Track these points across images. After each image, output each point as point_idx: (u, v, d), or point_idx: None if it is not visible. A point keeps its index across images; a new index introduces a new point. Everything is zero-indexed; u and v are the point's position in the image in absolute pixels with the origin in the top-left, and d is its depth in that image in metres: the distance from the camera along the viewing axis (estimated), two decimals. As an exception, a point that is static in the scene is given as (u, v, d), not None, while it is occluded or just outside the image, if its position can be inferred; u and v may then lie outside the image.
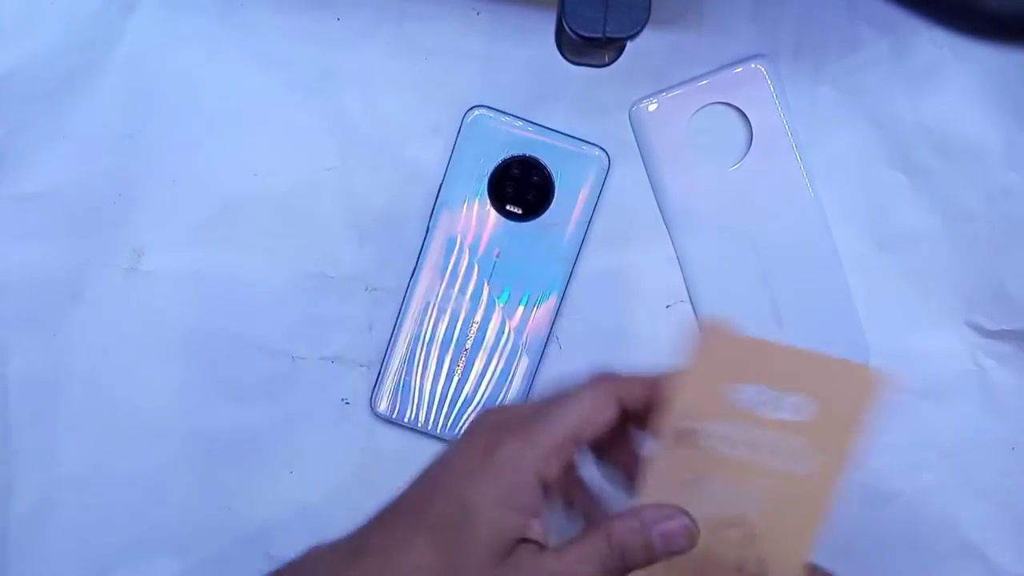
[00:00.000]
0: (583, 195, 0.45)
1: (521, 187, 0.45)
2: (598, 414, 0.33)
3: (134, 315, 0.46)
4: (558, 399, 0.34)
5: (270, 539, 0.46)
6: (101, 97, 0.45)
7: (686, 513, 0.33)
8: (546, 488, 0.33)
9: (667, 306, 0.47)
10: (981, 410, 0.47)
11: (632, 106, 0.46)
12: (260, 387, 0.46)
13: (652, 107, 0.46)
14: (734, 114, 0.46)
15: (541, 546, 0.32)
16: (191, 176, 0.46)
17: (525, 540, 0.32)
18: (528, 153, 0.45)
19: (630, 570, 0.32)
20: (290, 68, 0.46)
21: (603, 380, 0.34)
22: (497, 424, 0.34)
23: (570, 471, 0.35)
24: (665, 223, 0.46)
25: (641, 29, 0.37)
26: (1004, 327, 0.47)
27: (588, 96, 0.47)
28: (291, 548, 0.46)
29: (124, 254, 0.46)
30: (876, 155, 0.47)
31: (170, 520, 0.46)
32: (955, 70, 0.46)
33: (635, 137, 0.46)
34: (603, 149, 0.45)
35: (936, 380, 0.47)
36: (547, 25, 0.41)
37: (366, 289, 0.46)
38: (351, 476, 0.47)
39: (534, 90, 0.46)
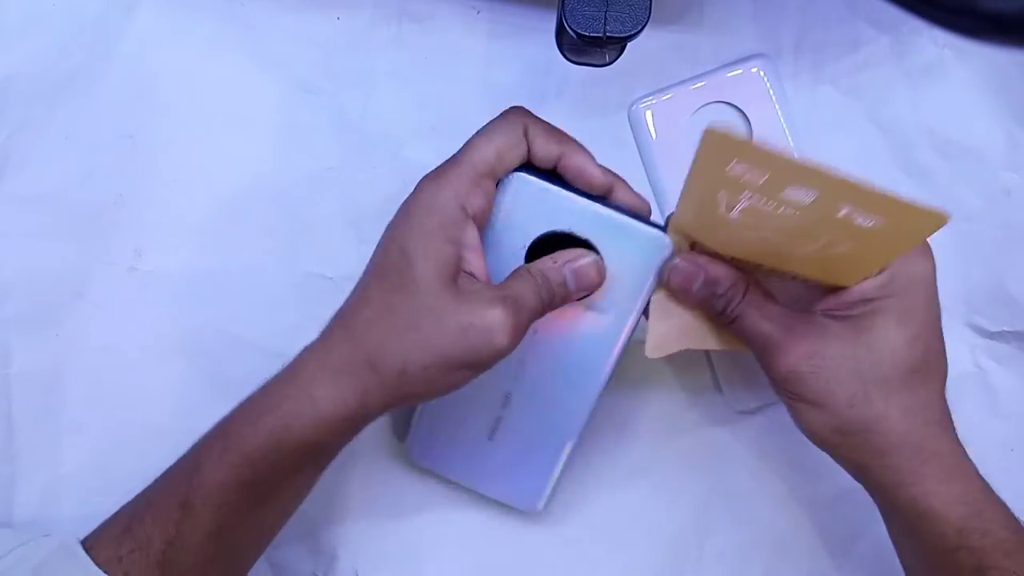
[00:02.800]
0: (637, 283, 0.38)
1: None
2: (509, 149, 0.36)
3: (135, 315, 0.46)
4: (471, 139, 0.36)
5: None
6: (102, 98, 0.45)
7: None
8: (473, 219, 0.36)
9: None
10: (981, 411, 0.47)
11: (632, 105, 0.46)
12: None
13: (652, 107, 0.46)
14: (734, 114, 0.46)
15: (474, 276, 0.36)
16: (191, 176, 0.46)
17: (466, 273, 0.35)
18: (573, 231, 0.38)
19: (556, 306, 0.37)
20: (290, 68, 0.46)
21: (514, 116, 0.37)
22: (429, 173, 0.36)
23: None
24: (665, 223, 0.46)
25: (641, 29, 0.37)
26: (1005, 328, 0.47)
27: (588, 96, 0.46)
28: (291, 548, 0.46)
29: (125, 254, 0.46)
30: (876, 155, 0.47)
31: (170, 520, 0.46)
32: (955, 70, 0.46)
33: (634, 137, 0.46)
34: (662, 229, 0.38)
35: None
36: (547, 25, 0.41)
37: (366, 289, 0.46)
38: (349, 484, 0.47)
39: (534, 90, 0.46)
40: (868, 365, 0.35)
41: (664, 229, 0.38)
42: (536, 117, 0.37)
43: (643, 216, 0.38)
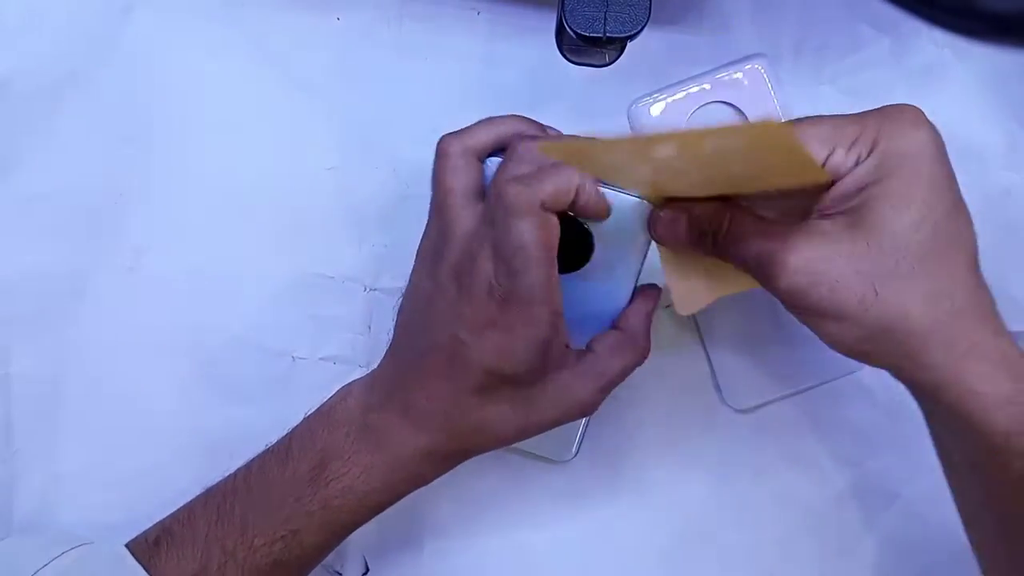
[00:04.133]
0: (630, 250, 0.39)
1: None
2: (547, 234, 0.35)
3: (135, 315, 0.46)
4: (507, 246, 0.34)
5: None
6: (102, 98, 0.45)
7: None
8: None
9: (666, 306, 0.47)
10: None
11: (631, 105, 0.46)
12: (260, 387, 0.46)
13: (652, 107, 0.46)
14: (734, 114, 0.46)
15: (565, 348, 0.37)
16: (191, 176, 0.46)
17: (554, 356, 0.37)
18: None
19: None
20: (290, 68, 0.46)
21: (525, 201, 0.35)
22: (485, 288, 0.35)
23: None
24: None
25: (641, 29, 0.37)
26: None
27: (588, 96, 0.46)
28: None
29: (125, 254, 0.46)
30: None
31: (170, 520, 0.46)
32: (955, 70, 0.46)
33: (635, 137, 0.46)
34: (642, 198, 0.39)
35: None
36: (547, 25, 0.41)
37: (366, 289, 0.46)
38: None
39: (534, 90, 0.46)
40: (872, 260, 0.32)
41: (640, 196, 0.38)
42: (532, 180, 0.35)
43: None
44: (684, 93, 0.46)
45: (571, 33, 0.37)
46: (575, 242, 0.39)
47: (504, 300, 0.35)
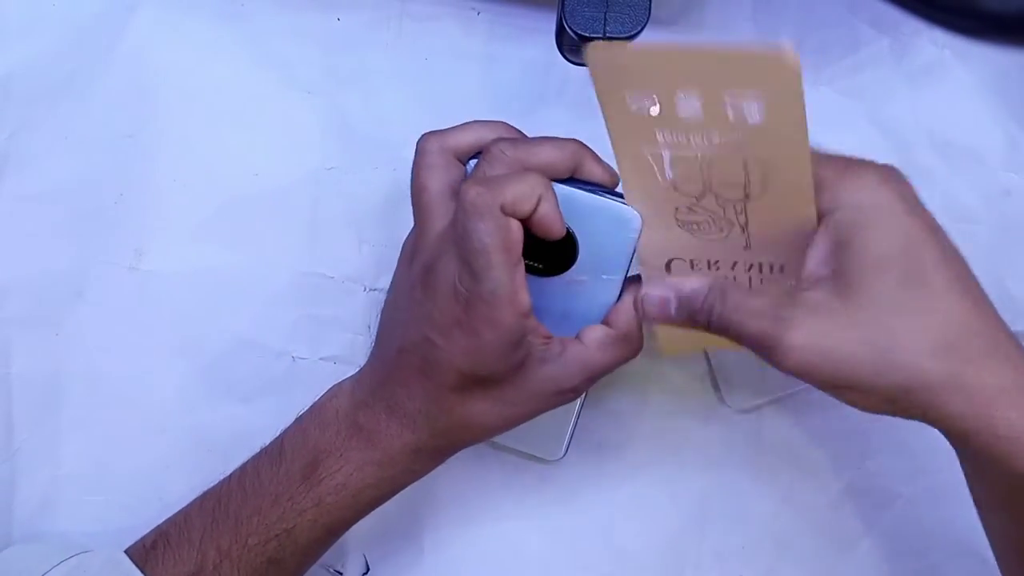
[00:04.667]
0: (616, 259, 0.39)
1: (538, 243, 0.37)
2: (508, 237, 0.34)
3: (135, 314, 0.46)
4: (470, 251, 0.34)
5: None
6: (102, 97, 0.45)
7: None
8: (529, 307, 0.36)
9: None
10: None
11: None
12: (260, 387, 0.46)
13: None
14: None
15: (545, 340, 0.37)
16: (192, 176, 0.46)
17: (538, 340, 0.37)
18: None
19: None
20: (290, 68, 0.46)
21: (485, 203, 0.34)
22: (452, 291, 0.35)
23: None
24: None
25: (641, 29, 0.37)
26: (1005, 328, 0.47)
27: (588, 96, 0.46)
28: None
29: (125, 254, 0.46)
30: (876, 155, 0.46)
31: (170, 520, 0.46)
32: (955, 70, 0.46)
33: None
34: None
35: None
36: (547, 25, 0.41)
37: (366, 289, 0.46)
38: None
39: (534, 90, 0.46)
40: (872, 326, 0.32)
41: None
42: (492, 181, 0.35)
43: (611, 189, 0.38)
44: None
45: (571, 33, 0.37)
46: (559, 245, 0.38)
47: (468, 303, 0.34)
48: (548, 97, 0.46)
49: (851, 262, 0.32)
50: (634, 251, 0.38)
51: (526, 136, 0.39)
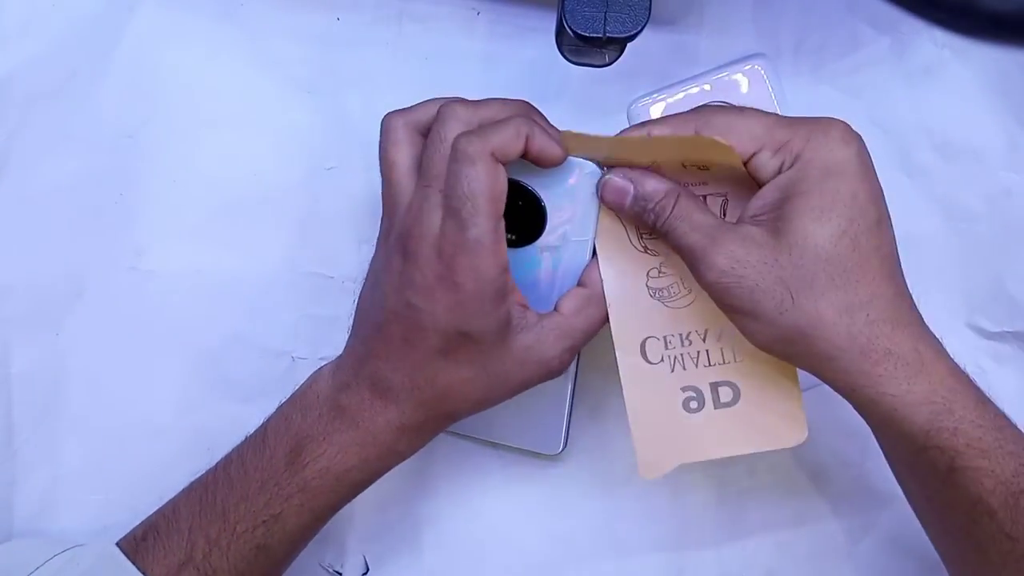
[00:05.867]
0: (580, 212, 0.39)
1: (507, 214, 0.37)
2: (496, 185, 0.35)
3: (135, 314, 0.46)
4: (456, 196, 0.35)
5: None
6: (102, 98, 0.45)
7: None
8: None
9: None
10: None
11: (631, 105, 0.46)
12: (260, 387, 0.46)
13: (651, 107, 0.46)
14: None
15: (523, 309, 0.38)
16: (192, 176, 0.46)
17: (518, 306, 0.37)
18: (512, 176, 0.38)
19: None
20: (290, 68, 0.46)
21: (476, 148, 0.35)
22: (431, 249, 0.35)
23: None
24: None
25: (641, 29, 0.37)
26: (1006, 329, 0.47)
27: (588, 96, 0.47)
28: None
29: (125, 254, 0.46)
30: (876, 155, 0.46)
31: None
32: (955, 70, 0.46)
33: (635, 137, 0.46)
34: (595, 161, 0.39)
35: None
36: (547, 25, 0.41)
37: (366, 289, 0.46)
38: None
39: (534, 90, 0.46)
40: (791, 269, 0.34)
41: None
42: (485, 131, 0.36)
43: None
44: (684, 93, 0.46)
45: (571, 33, 0.37)
46: (528, 213, 0.40)
47: (452, 256, 0.35)
48: (548, 97, 0.46)
49: (794, 208, 0.34)
50: (599, 207, 0.39)
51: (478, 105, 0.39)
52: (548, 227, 0.40)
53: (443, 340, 0.36)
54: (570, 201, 0.39)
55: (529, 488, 0.47)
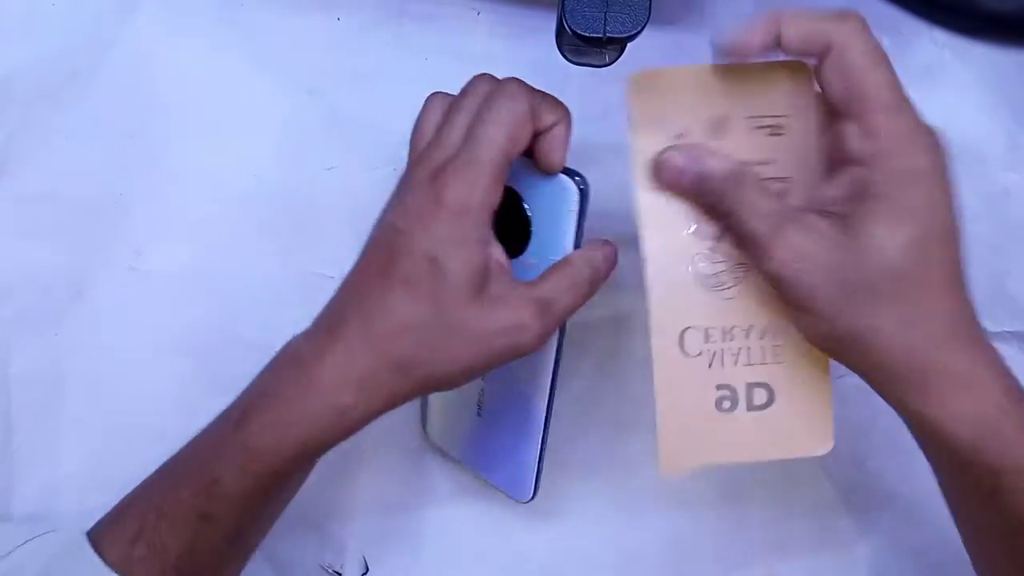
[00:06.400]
0: (558, 235, 0.38)
1: (497, 226, 0.36)
2: (521, 135, 0.35)
3: (135, 315, 0.46)
4: (481, 119, 0.35)
5: (270, 539, 0.46)
6: (102, 98, 0.45)
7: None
8: (494, 213, 0.35)
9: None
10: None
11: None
12: (260, 387, 0.46)
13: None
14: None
15: (504, 270, 0.35)
16: (191, 176, 0.46)
17: (495, 269, 0.35)
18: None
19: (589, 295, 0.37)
20: (290, 68, 0.46)
21: (519, 95, 0.35)
22: (434, 169, 0.34)
23: None
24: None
25: (641, 29, 0.37)
26: (1005, 328, 0.47)
27: (588, 96, 0.46)
28: (292, 547, 0.46)
29: (125, 254, 0.46)
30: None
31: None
32: (955, 70, 0.46)
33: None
34: (581, 176, 0.38)
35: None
36: (547, 25, 0.41)
37: (366, 289, 0.46)
38: (352, 477, 0.47)
39: (534, 90, 0.46)
40: (855, 272, 0.32)
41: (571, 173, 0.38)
42: (536, 91, 0.36)
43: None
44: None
45: (571, 33, 0.37)
46: (516, 226, 0.39)
47: (449, 175, 0.34)
48: (548, 97, 0.46)
49: (868, 210, 0.32)
50: (576, 229, 0.38)
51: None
52: (531, 243, 0.39)
53: (411, 265, 0.34)
54: (549, 217, 0.38)
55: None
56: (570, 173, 0.38)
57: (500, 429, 0.43)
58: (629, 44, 0.38)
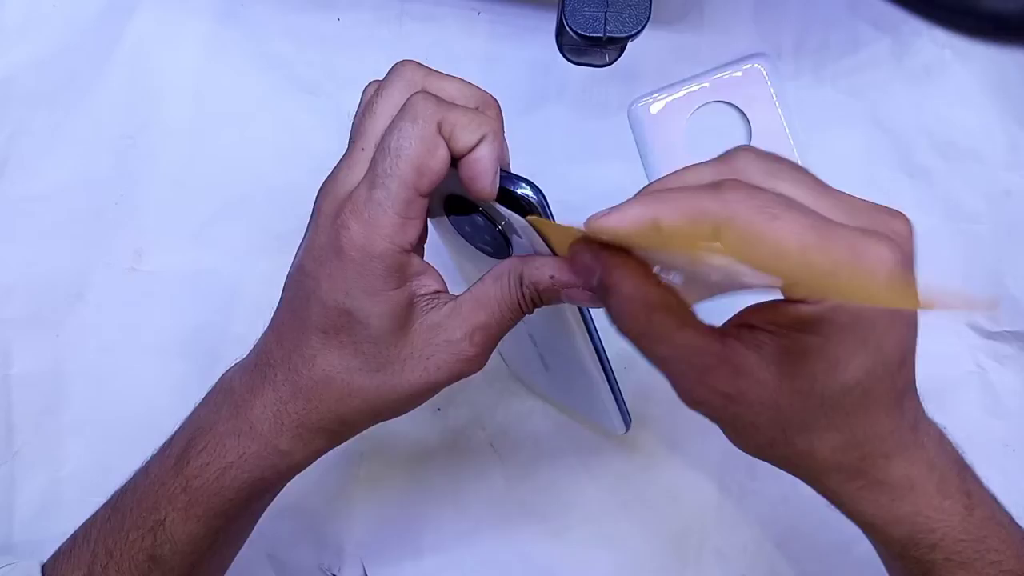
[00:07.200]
0: (533, 241, 0.33)
1: (474, 228, 0.35)
2: (429, 157, 0.30)
3: (135, 315, 0.46)
4: (381, 150, 0.30)
5: (270, 540, 0.46)
6: (102, 99, 0.45)
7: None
8: (415, 245, 0.31)
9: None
10: (982, 411, 0.47)
11: (632, 105, 0.46)
12: (260, 387, 0.46)
13: (651, 106, 0.46)
14: (734, 113, 0.46)
15: (435, 295, 0.32)
16: (192, 177, 0.46)
17: (423, 296, 0.32)
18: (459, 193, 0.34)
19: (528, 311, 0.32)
20: (290, 68, 0.46)
21: (422, 106, 0.31)
22: (338, 202, 0.31)
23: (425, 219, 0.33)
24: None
25: (641, 29, 0.37)
26: (1006, 328, 0.47)
27: (588, 96, 0.46)
28: (292, 548, 0.46)
29: (125, 254, 0.46)
30: (876, 155, 0.46)
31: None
32: (955, 70, 0.46)
33: (634, 136, 0.46)
34: (528, 183, 0.32)
35: (937, 382, 0.47)
36: (547, 25, 0.41)
37: (366, 289, 0.46)
38: (352, 477, 0.47)
39: (534, 90, 0.46)
40: (790, 411, 0.29)
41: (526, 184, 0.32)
42: (450, 105, 0.31)
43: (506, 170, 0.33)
44: (684, 92, 0.46)
45: (571, 33, 0.37)
46: (493, 231, 0.35)
47: (346, 217, 0.30)
48: (548, 97, 0.46)
49: (807, 350, 0.29)
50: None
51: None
52: (513, 247, 0.35)
53: (324, 315, 0.31)
54: (519, 228, 0.33)
55: (529, 491, 0.47)
56: (513, 183, 0.32)
57: (568, 378, 0.41)
58: (629, 44, 0.38)
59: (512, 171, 0.33)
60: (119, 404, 0.46)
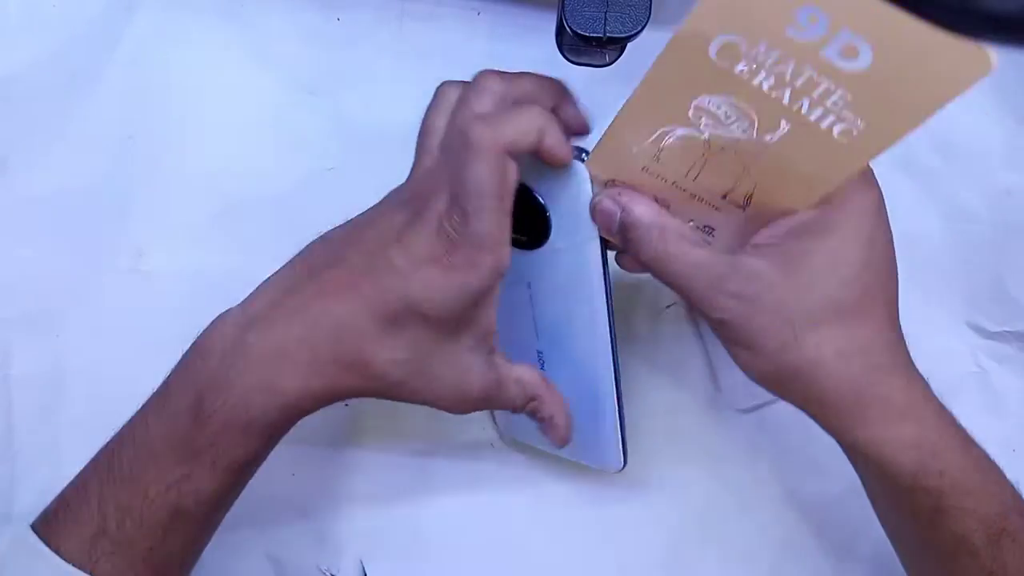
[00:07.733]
0: (579, 218, 0.36)
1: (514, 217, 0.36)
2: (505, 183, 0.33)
3: (135, 315, 0.46)
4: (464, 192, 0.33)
5: (270, 540, 0.46)
6: (103, 99, 0.45)
7: None
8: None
9: (667, 306, 0.47)
10: (982, 412, 0.47)
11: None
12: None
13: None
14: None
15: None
16: (192, 177, 0.46)
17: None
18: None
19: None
20: (291, 68, 0.46)
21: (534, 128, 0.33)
22: (443, 212, 0.33)
23: None
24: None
25: (641, 29, 0.37)
26: (1006, 328, 0.47)
27: (588, 96, 0.46)
28: (292, 549, 0.46)
29: (125, 255, 0.46)
30: (876, 155, 0.46)
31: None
32: (955, 70, 0.46)
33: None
34: (582, 150, 0.37)
35: (937, 382, 0.46)
36: (547, 25, 0.41)
37: (366, 289, 0.46)
38: (352, 477, 0.47)
39: (534, 90, 0.46)
40: (797, 307, 0.33)
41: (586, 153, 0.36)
42: (548, 116, 0.34)
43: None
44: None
45: (571, 33, 0.37)
46: (533, 215, 0.37)
47: (453, 242, 0.33)
48: (548, 97, 0.46)
49: (807, 248, 0.33)
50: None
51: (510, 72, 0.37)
52: (554, 229, 0.37)
53: (399, 308, 0.33)
54: (565, 201, 0.37)
55: (531, 491, 0.47)
56: (576, 149, 0.36)
57: (575, 409, 0.41)
58: (629, 44, 0.38)
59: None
60: (119, 404, 0.46)
